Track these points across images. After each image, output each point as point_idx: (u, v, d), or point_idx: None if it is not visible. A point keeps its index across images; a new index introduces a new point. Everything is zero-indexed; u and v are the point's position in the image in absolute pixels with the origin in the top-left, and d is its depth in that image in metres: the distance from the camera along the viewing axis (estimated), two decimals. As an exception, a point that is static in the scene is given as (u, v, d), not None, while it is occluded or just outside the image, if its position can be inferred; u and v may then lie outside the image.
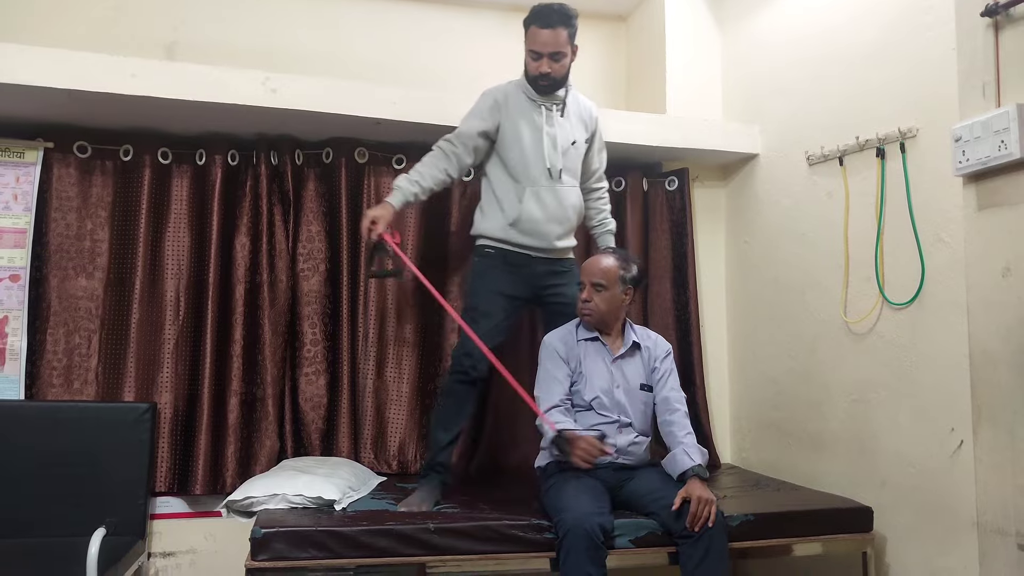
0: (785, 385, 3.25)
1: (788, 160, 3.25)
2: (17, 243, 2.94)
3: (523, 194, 2.72)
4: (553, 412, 2.53)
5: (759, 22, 3.43)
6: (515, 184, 2.74)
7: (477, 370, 2.69)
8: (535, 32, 2.67)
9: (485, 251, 2.80)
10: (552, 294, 2.83)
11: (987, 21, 2.13)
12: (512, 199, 2.74)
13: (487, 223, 2.79)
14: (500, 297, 2.75)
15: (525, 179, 2.73)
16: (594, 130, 2.92)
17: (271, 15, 3.48)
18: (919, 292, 2.56)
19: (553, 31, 2.66)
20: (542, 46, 2.67)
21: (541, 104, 2.75)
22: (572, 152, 2.80)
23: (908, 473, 2.60)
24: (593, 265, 2.66)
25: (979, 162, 2.14)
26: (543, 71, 2.69)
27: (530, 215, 2.72)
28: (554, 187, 2.74)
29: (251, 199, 3.14)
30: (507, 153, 2.75)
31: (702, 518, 2.28)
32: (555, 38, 2.67)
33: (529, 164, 2.72)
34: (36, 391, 2.92)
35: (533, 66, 2.70)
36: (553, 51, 2.68)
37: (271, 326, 3.10)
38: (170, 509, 3.01)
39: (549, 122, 2.75)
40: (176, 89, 2.76)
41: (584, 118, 2.88)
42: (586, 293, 2.63)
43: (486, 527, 2.36)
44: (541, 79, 2.70)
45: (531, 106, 2.76)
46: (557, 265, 2.84)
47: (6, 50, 2.63)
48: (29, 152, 2.97)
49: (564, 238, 2.83)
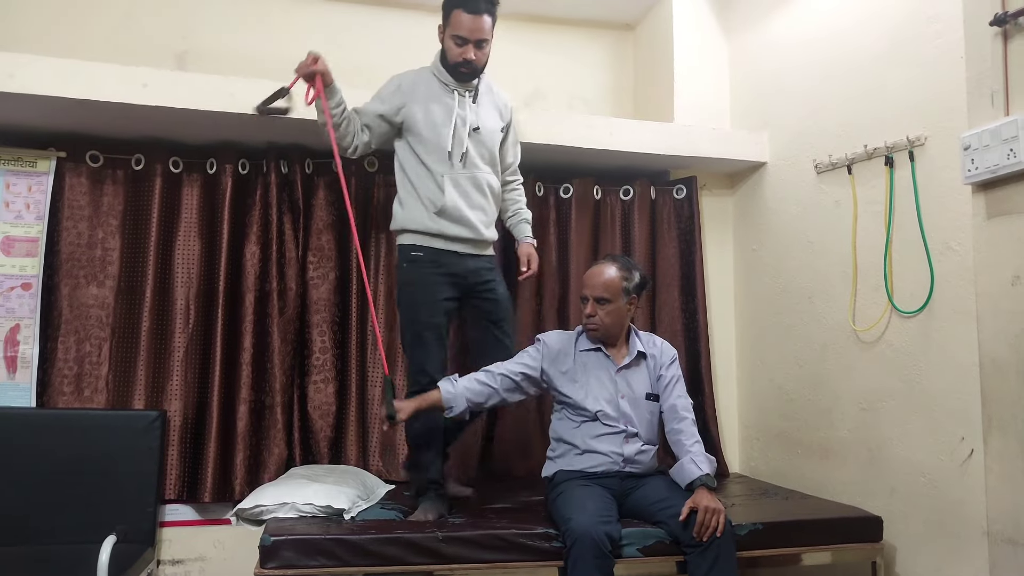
0: (794, 393, 3.24)
1: (796, 168, 3.25)
2: (29, 252, 2.97)
3: (442, 181, 2.62)
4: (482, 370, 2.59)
5: (766, 30, 3.44)
6: (431, 171, 2.64)
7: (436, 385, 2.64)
8: (461, 17, 2.57)
9: (412, 255, 2.67)
10: (484, 290, 2.75)
11: (996, 30, 2.13)
12: (431, 186, 2.63)
13: (409, 214, 2.67)
14: (442, 304, 2.66)
15: (441, 165, 2.63)
16: (509, 120, 2.84)
17: (281, 24, 3.50)
18: (928, 300, 2.56)
19: (480, 17, 2.58)
20: (469, 32, 2.59)
21: (454, 89, 2.68)
22: (486, 138, 2.71)
23: (918, 482, 2.59)
24: (595, 278, 2.63)
25: (988, 170, 2.13)
26: (467, 58, 2.61)
27: (453, 202, 2.63)
28: (471, 172, 2.67)
29: (261, 208, 3.15)
30: (419, 139, 2.66)
31: (710, 527, 2.28)
32: (482, 25, 2.60)
33: (443, 149, 2.63)
34: (47, 399, 2.94)
35: (456, 52, 2.61)
36: (479, 38, 2.62)
37: (280, 334, 3.11)
38: (179, 517, 3.02)
39: (461, 106, 2.67)
40: (187, 98, 2.78)
41: (499, 107, 2.80)
42: (590, 308, 2.61)
43: (494, 535, 2.36)
44: (463, 66, 2.63)
45: (443, 91, 2.69)
46: (485, 261, 2.76)
47: (19, 60, 2.66)
48: (41, 161, 3.00)
49: (489, 226, 2.75)
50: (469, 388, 2.53)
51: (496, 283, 2.79)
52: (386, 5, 2.87)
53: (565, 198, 3.50)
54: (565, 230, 3.49)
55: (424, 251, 2.66)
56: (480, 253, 2.74)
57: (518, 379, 2.60)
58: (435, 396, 2.51)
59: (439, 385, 2.53)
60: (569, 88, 3.90)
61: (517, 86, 3.77)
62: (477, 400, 2.55)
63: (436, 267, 2.65)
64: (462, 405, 2.51)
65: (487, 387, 2.56)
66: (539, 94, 3.83)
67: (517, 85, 3.78)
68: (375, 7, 3.63)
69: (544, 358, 2.64)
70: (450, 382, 2.54)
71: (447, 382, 2.54)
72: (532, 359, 2.64)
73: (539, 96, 3.83)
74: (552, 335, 2.73)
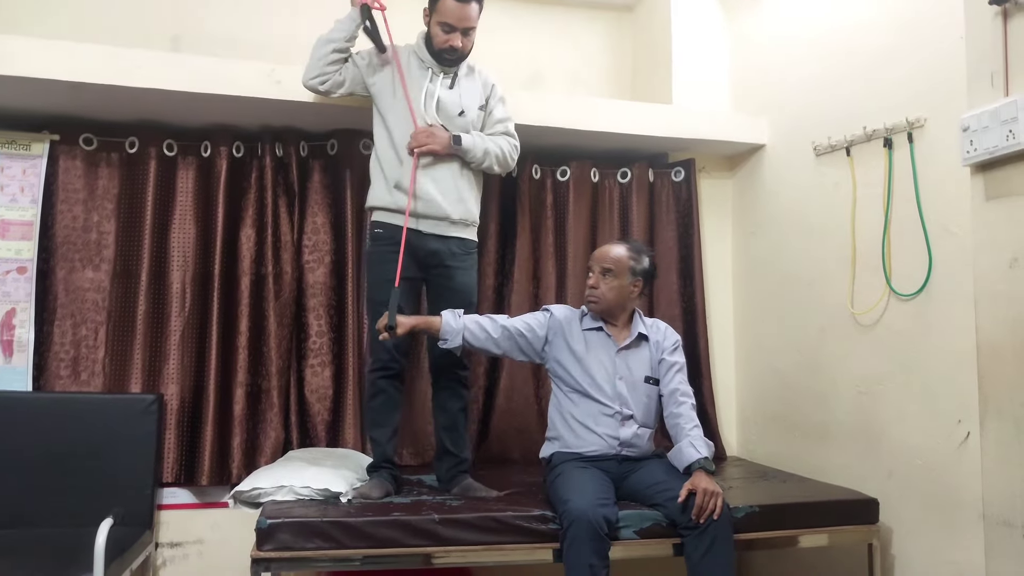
0: (791, 377, 3.24)
1: (795, 151, 3.23)
2: (24, 235, 2.95)
3: (403, 155, 2.61)
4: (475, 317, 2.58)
5: (766, 11, 3.41)
6: (395, 145, 2.64)
7: (398, 362, 2.65)
8: (449, 4, 2.57)
9: (375, 232, 2.68)
10: (439, 275, 2.67)
11: (995, 10, 2.10)
12: (393, 160, 2.63)
13: (373, 191, 2.70)
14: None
15: (405, 141, 2.61)
16: (488, 97, 2.80)
17: (276, 7, 3.47)
18: (926, 283, 2.55)
19: (469, 5, 2.59)
20: (458, 20, 2.59)
21: (429, 67, 2.68)
22: (459, 123, 2.68)
23: (914, 465, 2.59)
24: (603, 251, 2.66)
25: (987, 152, 2.11)
26: (454, 45, 2.61)
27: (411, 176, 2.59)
28: None
29: (256, 191, 3.14)
30: (387, 113, 2.66)
31: (708, 510, 2.28)
32: (470, 13, 2.60)
33: (411, 126, 2.61)
34: (44, 382, 2.94)
35: (443, 38, 2.61)
36: (466, 26, 2.62)
37: (276, 318, 3.11)
38: (177, 500, 3.02)
39: (435, 86, 2.66)
40: (181, 81, 2.76)
41: (479, 87, 2.78)
42: (593, 279, 2.62)
43: (491, 518, 2.37)
44: (449, 52, 2.63)
45: (419, 69, 2.69)
46: (453, 244, 2.68)
47: (12, 43, 2.63)
48: (35, 144, 2.98)
49: (458, 207, 2.67)
50: (469, 328, 2.54)
51: (457, 270, 2.68)
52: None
53: (562, 181, 3.49)
54: (563, 213, 3.48)
55: (384, 228, 2.65)
56: (446, 235, 2.66)
57: (516, 337, 2.62)
58: (435, 322, 2.53)
59: (441, 314, 2.54)
60: (567, 70, 3.87)
61: (516, 68, 3.75)
62: (473, 343, 2.56)
63: (394, 244, 2.60)
64: (457, 341, 2.53)
65: (486, 333, 2.57)
66: (537, 76, 3.80)
67: (516, 67, 3.76)
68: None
69: (550, 329, 2.65)
70: (453, 315, 2.54)
71: (450, 314, 2.55)
72: (538, 324, 2.65)
73: (537, 78, 3.80)
74: (560, 308, 2.73)
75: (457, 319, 2.54)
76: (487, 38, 3.63)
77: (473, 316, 2.60)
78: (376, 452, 2.68)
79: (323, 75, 2.67)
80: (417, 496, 2.61)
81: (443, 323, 2.52)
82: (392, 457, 2.68)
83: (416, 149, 2.57)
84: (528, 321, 2.66)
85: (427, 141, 2.57)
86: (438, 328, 2.52)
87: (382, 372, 2.65)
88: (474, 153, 2.65)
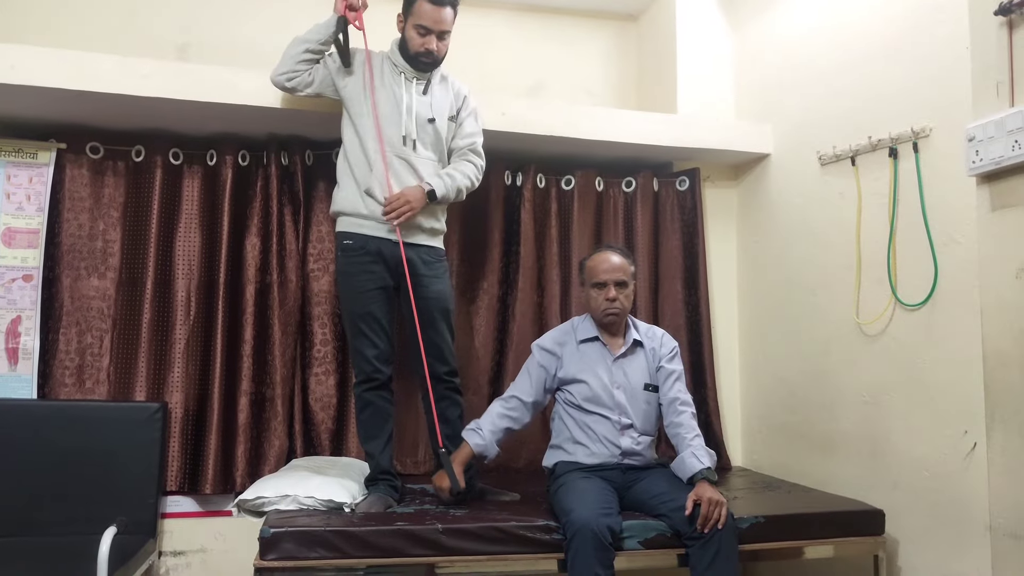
0: (797, 386, 3.23)
1: (800, 160, 3.23)
2: (30, 243, 2.96)
3: (375, 159, 2.60)
4: (498, 403, 2.68)
5: (770, 21, 3.42)
6: (365, 149, 2.62)
7: (382, 373, 2.64)
8: (424, 7, 2.59)
9: (344, 244, 2.65)
10: (414, 284, 2.61)
11: (1001, 20, 2.10)
12: (363, 164, 2.62)
13: (341, 194, 2.67)
14: (373, 293, 2.62)
15: (376, 143, 2.61)
16: (460, 107, 2.79)
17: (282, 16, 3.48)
18: (932, 293, 2.54)
19: (443, 9, 2.61)
20: (433, 23, 2.60)
21: (401, 72, 2.68)
22: (429, 129, 2.68)
23: (921, 476, 2.58)
24: (610, 263, 2.66)
25: (993, 162, 2.11)
26: (429, 48, 2.62)
27: (382, 182, 2.58)
28: (407, 155, 2.63)
29: (262, 199, 3.15)
30: (358, 118, 2.65)
31: (712, 519, 2.27)
32: (445, 16, 2.62)
33: (382, 130, 2.61)
34: (49, 390, 2.95)
35: (418, 42, 2.62)
36: (442, 29, 2.63)
37: (281, 326, 3.11)
38: (180, 508, 3.02)
39: (408, 91, 2.66)
40: (188, 90, 2.77)
41: (451, 96, 2.77)
42: (612, 292, 2.63)
43: (494, 528, 2.36)
44: (424, 56, 2.64)
45: (392, 75, 2.69)
46: (423, 252, 2.67)
47: (20, 52, 2.65)
48: (42, 153, 2.99)
49: (427, 219, 2.66)
50: (495, 432, 2.61)
51: (430, 279, 2.67)
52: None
53: (567, 190, 3.49)
54: (567, 222, 3.48)
55: (354, 239, 2.64)
56: (415, 243, 2.66)
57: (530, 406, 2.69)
58: (467, 452, 2.58)
59: (464, 438, 2.59)
60: (572, 79, 3.88)
61: (520, 77, 3.77)
62: (505, 437, 2.66)
63: (365, 254, 2.61)
64: (494, 450, 2.61)
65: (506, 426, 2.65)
66: (542, 85, 3.81)
67: (520, 76, 3.77)
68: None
69: (549, 366, 2.69)
70: (476, 433, 2.60)
71: (473, 434, 2.60)
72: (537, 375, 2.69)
73: (542, 87, 3.81)
74: (547, 339, 2.76)
75: (481, 434, 2.59)
76: (492, 47, 3.68)
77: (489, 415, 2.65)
78: (372, 465, 2.67)
79: (291, 72, 2.66)
80: (420, 505, 2.60)
81: (473, 448, 2.58)
82: (389, 468, 2.68)
83: (395, 222, 2.54)
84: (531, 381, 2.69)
85: (406, 210, 2.54)
86: (471, 455, 2.58)
87: (367, 384, 2.64)
88: (448, 196, 2.66)
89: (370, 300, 2.62)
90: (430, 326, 2.67)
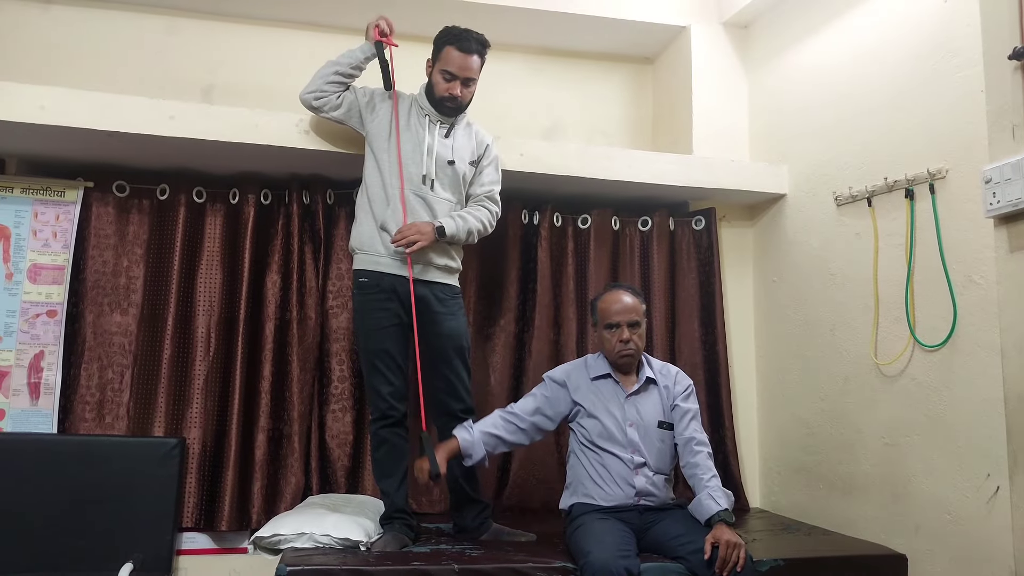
0: (815, 427, 3.20)
1: (816, 200, 3.24)
2: (55, 279, 3.01)
3: (393, 195, 2.64)
4: (497, 413, 2.64)
5: (786, 63, 3.46)
6: (385, 185, 2.67)
7: (396, 410, 2.64)
8: (452, 54, 2.66)
9: (360, 281, 2.68)
10: (427, 322, 2.64)
11: (1015, 64, 2.12)
12: (381, 200, 2.66)
13: (358, 229, 2.72)
14: (389, 331, 2.63)
15: (397, 180, 2.65)
16: (482, 155, 2.82)
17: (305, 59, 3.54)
18: (951, 334, 2.53)
19: (471, 57, 2.67)
20: (459, 69, 2.67)
21: (426, 114, 2.73)
22: (448, 170, 2.72)
23: (943, 519, 2.54)
24: (623, 304, 2.66)
25: (1010, 204, 2.11)
26: (454, 93, 2.68)
27: (397, 218, 2.61)
28: (425, 195, 2.66)
29: (283, 237, 3.19)
30: (381, 154, 2.70)
31: (731, 562, 2.24)
32: (472, 64, 2.69)
33: (402, 168, 2.65)
34: (69, 425, 2.97)
35: (444, 87, 2.68)
36: (467, 76, 2.69)
37: (300, 362, 3.13)
38: (196, 545, 3.01)
39: (431, 133, 2.71)
40: (212, 131, 2.84)
41: (474, 144, 2.81)
42: (626, 334, 2.63)
43: (511, 569, 2.34)
44: (449, 100, 2.69)
45: (418, 116, 2.75)
46: (438, 290, 2.69)
47: (51, 93, 2.73)
48: (69, 191, 3.06)
49: (441, 253, 2.69)
50: (484, 434, 2.57)
51: (444, 316, 2.68)
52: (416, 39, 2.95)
53: (583, 229, 3.52)
54: (583, 261, 3.50)
55: (369, 276, 2.67)
56: (430, 280, 2.68)
57: (526, 427, 2.64)
58: (453, 444, 2.55)
59: (455, 434, 2.56)
60: (589, 121, 3.93)
61: (538, 118, 3.82)
62: (495, 447, 2.61)
63: (380, 292, 2.64)
64: (480, 453, 2.55)
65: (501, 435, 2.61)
66: (559, 127, 3.86)
67: (538, 117, 3.82)
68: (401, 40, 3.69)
69: (554, 396, 2.68)
70: (467, 430, 2.57)
71: (463, 430, 2.57)
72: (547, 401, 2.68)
73: (559, 129, 3.86)
74: (557, 370, 2.77)
75: (471, 431, 2.57)
76: (510, 89, 3.73)
77: (486, 421, 2.63)
78: (387, 503, 2.66)
79: (320, 91, 2.73)
80: (436, 545, 2.59)
81: (460, 442, 2.54)
82: (404, 506, 2.66)
83: (407, 251, 2.56)
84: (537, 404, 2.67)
85: (417, 239, 2.56)
86: (457, 450, 2.55)
87: (383, 422, 2.64)
88: (458, 237, 2.68)
89: (385, 337, 2.64)
90: (445, 363, 2.68)
